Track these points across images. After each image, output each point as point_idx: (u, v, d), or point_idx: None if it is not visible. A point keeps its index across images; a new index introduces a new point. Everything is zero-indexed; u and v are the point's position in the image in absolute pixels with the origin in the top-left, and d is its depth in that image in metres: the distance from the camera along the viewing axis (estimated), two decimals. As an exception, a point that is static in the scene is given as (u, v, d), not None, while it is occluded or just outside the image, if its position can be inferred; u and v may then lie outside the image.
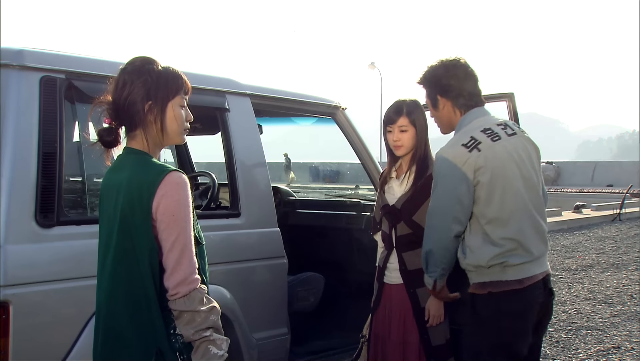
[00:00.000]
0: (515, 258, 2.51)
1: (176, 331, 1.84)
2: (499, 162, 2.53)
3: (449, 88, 2.67)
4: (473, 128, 2.61)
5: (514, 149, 2.58)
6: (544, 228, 2.63)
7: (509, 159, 2.55)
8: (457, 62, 2.69)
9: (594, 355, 4.96)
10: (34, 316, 2.29)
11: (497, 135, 2.58)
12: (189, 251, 1.83)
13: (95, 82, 2.48)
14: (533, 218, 2.57)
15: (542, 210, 2.64)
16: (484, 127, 2.60)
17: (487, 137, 2.56)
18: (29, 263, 2.30)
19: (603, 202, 16.53)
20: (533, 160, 2.65)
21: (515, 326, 2.52)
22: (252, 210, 3.13)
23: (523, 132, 2.70)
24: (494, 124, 2.63)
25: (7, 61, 2.39)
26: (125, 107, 1.88)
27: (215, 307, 1.85)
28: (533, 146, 2.68)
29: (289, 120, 4.63)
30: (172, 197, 1.81)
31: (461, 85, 2.66)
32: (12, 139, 2.33)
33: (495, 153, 2.53)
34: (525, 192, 2.56)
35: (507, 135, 2.60)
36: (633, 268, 8.58)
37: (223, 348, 1.83)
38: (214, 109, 3.08)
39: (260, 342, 3.08)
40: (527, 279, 2.52)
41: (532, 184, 2.60)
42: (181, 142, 2.04)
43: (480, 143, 2.54)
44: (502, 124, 2.66)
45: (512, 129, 2.66)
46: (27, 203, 2.32)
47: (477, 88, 2.71)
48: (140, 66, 1.92)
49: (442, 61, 2.72)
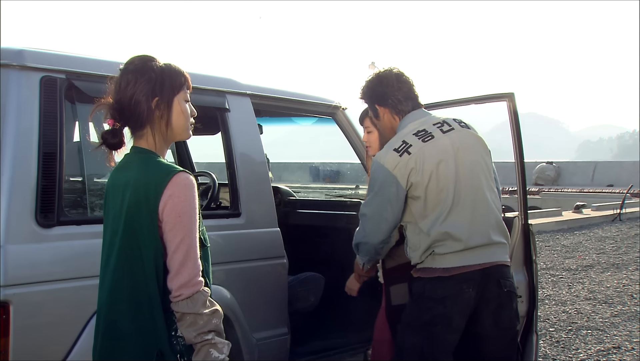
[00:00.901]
0: (442, 248, 2.65)
1: (178, 333, 1.84)
2: (430, 161, 2.66)
3: (384, 96, 2.84)
4: (407, 132, 2.75)
5: (449, 145, 2.70)
6: (488, 219, 2.70)
7: (441, 156, 2.68)
8: (389, 72, 2.88)
9: (594, 355, 4.96)
10: (35, 316, 2.29)
11: (429, 135, 2.72)
12: (194, 253, 1.82)
13: (95, 82, 2.48)
14: (469, 210, 2.67)
15: (485, 201, 2.71)
16: (418, 129, 2.74)
17: (418, 139, 2.71)
18: (29, 263, 2.30)
19: (603, 202, 16.52)
20: (475, 152, 2.75)
21: (435, 310, 2.65)
22: (253, 210, 3.13)
23: (466, 126, 2.80)
24: (430, 125, 2.76)
25: (7, 61, 2.39)
26: (131, 107, 1.87)
27: (217, 310, 1.85)
28: (476, 138, 2.79)
29: (289, 120, 4.63)
30: (179, 198, 1.81)
31: (395, 92, 2.83)
32: (12, 139, 2.33)
33: (426, 153, 2.67)
34: (462, 185, 2.67)
35: (442, 133, 2.73)
36: (633, 268, 8.58)
37: (224, 352, 1.83)
38: (215, 109, 3.08)
39: (260, 342, 3.07)
40: (455, 268, 2.63)
41: (472, 176, 2.70)
42: (188, 138, 2.04)
43: (410, 146, 2.69)
44: (440, 122, 2.78)
45: (449, 125, 2.77)
46: (27, 202, 2.32)
47: (412, 93, 2.86)
48: (141, 64, 1.91)
49: (376, 74, 2.91)
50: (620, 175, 24.90)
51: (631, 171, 24.15)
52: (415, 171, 2.65)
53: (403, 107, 2.83)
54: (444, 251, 2.65)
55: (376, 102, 2.88)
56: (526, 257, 3.22)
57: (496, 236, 2.71)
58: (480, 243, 2.66)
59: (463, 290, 2.64)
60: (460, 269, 2.64)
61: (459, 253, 2.64)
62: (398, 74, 2.86)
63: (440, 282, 2.65)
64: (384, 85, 2.85)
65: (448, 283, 2.64)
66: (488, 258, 2.68)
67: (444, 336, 2.66)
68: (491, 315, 2.71)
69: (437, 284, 2.66)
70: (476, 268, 2.65)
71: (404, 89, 2.84)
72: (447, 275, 2.64)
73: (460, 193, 2.66)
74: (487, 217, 2.70)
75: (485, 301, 2.68)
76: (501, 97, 3.36)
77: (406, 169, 2.66)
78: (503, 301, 2.71)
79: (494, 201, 2.75)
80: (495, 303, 2.70)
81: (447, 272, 2.64)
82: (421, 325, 2.69)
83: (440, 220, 2.65)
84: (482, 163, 2.76)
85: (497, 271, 2.70)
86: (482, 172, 2.74)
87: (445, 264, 2.65)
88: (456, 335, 2.68)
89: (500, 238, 2.73)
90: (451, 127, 2.75)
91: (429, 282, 2.67)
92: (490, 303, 2.69)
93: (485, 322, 2.71)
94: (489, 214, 2.71)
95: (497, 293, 2.69)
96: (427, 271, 2.69)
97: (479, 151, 2.76)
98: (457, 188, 2.66)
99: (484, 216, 2.69)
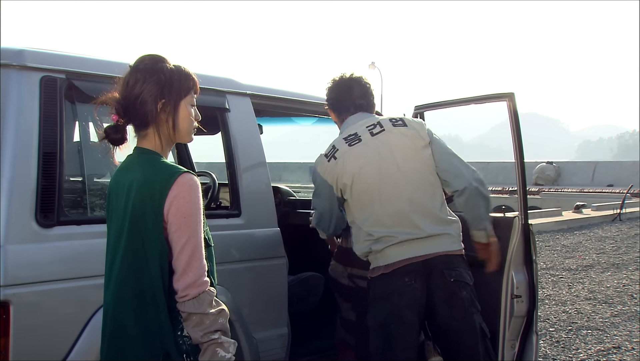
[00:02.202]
0: (377, 244, 2.78)
1: (183, 333, 1.84)
2: (353, 165, 2.82)
3: (332, 102, 3.04)
4: (339, 137, 2.94)
5: (375, 146, 2.83)
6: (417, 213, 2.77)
7: (365, 158, 2.82)
8: (341, 78, 3.04)
9: (594, 355, 4.96)
10: (35, 316, 2.29)
11: (358, 139, 2.86)
12: (199, 254, 1.83)
13: (95, 82, 2.48)
14: (395, 207, 2.77)
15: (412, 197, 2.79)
16: (350, 133, 2.90)
17: (345, 143, 2.88)
18: (30, 263, 2.30)
19: (603, 202, 16.53)
20: (404, 151, 2.84)
21: (384, 308, 2.76)
22: (253, 210, 3.13)
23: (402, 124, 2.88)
24: (362, 128, 2.90)
25: (7, 61, 2.38)
26: (137, 106, 1.87)
27: (223, 310, 1.85)
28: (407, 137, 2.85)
29: (289, 120, 4.63)
30: (184, 199, 1.81)
31: (342, 97, 2.99)
32: (12, 139, 2.32)
33: (350, 157, 2.83)
34: (386, 184, 2.79)
35: (371, 135, 2.86)
36: (633, 267, 8.58)
37: (230, 351, 1.83)
38: (215, 109, 3.08)
39: (260, 342, 3.07)
40: (395, 263, 2.74)
41: (397, 175, 2.79)
42: (189, 141, 2.05)
43: (337, 151, 2.88)
44: (373, 124, 2.90)
45: (381, 127, 2.88)
46: (27, 202, 2.31)
47: (360, 99, 2.99)
48: (152, 64, 1.91)
49: (332, 79, 3.07)
50: (620, 175, 24.90)
51: (631, 171, 24.15)
52: (340, 175, 2.84)
53: (345, 113, 3.00)
54: (380, 247, 2.77)
55: (329, 107, 3.09)
56: (526, 257, 3.22)
57: (432, 227, 2.77)
58: (414, 236, 2.74)
59: (406, 283, 2.72)
60: (399, 263, 2.73)
61: (394, 246, 2.75)
62: (351, 79, 3.01)
63: (384, 279, 2.77)
64: (334, 91, 3.03)
65: (390, 278, 2.75)
66: (428, 250, 2.75)
67: (400, 332, 2.74)
68: (444, 307, 2.76)
69: (382, 281, 2.78)
70: (415, 260, 2.73)
71: (353, 94, 2.98)
72: (389, 271, 2.75)
73: (382, 192, 2.79)
74: (421, 208, 2.78)
75: (434, 293, 2.75)
76: (501, 97, 3.36)
77: (333, 175, 2.86)
78: (452, 291, 2.76)
79: (427, 191, 2.82)
80: (445, 294, 2.75)
81: (387, 268, 2.76)
82: (378, 327, 2.79)
83: (368, 219, 2.79)
84: (413, 159, 2.84)
85: (440, 262, 2.76)
86: (413, 168, 2.83)
87: (385, 261, 2.77)
88: (412, 328, 2.76)
89: (441, 228, 2.79)
90: (382, 128, 2.88)
91: (376, 281, 2.81)
92: (439, 295, 2.75)
93: (441, 315, 2.78)
94: (422, 206, 2.79)
95: (443, 283, 2.75)
96: (373, 271, 2.84)
97: (409, 148, 2.85)
98: (381, 187, 2.79)
99: (416, 208, 2.77)
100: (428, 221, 2.78)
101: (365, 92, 3.01)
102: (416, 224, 2.76)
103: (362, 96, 3.00)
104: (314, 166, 2.98)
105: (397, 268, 2.74)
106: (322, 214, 3.03)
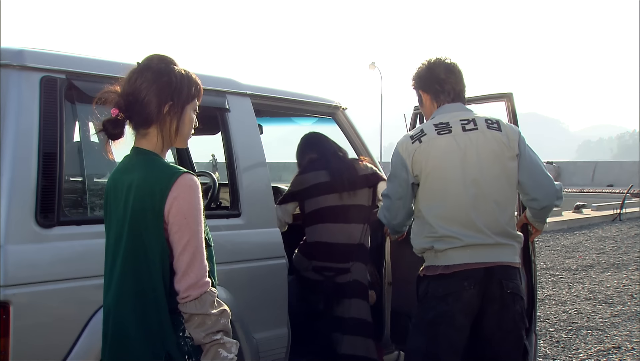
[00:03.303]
0: (441, 244, 2.69)
1: (185, 334, 1.84)
2: (437, 154, 2.72)
3: (428, 84, 2.88)
4: (430, 122, 2.81)
5: (463, 142, 2.72)
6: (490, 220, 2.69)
7: (451, 152, 2.71)
8: (439, 61, 2.88)
9: (594, 355, 4.95)
10: (35, 317, 2.29)
11: (448, 129, 2.75)
12: (200, 254, 1.82)
13: (96, 83, 2.47)
14: (469, 209, 2.68)
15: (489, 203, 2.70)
16: (441, 121, 2.78)
17: (434, 130, 2.75)
18: (30, 263, 2.30)
19: (603, 202, 16.53)
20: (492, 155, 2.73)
21: (437, 308, 2.67)
22: (253, 210, 3.13)
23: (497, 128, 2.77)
24: (456, 120, 2.77)
25: (7, 61, 2.38)
26: (143, 103, 1.86)
27: (225, 310, 1.85)
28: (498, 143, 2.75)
29: (289, 120, 4.63)
30: (185, 199, 1.81)
31: (440, 81, 2.85)
32: (12, 139, 2.32)
33: (435, 146, 2.72)
34: (465, 184, 2.69)
35: (462, 130, 2.74)
36: (633, 267, 8.58)
37: (232, 352, 1.83)
38: (215, 109, 3.08)
39: (260, 342, 3.07)
40: (456, 266, 2.66)
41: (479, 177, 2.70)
42: (184, 147, 2.06)
43: (424, 135, 2.75)
44: (468, 120, 2.78)
45: (475, 125, 2.76)
46: (27, 203, 2.31)
47: (458, 85, 2.87)
48: (164, 66, 1.90)
49: (428, 60, 2.93)
50: (620, 175, 24.93)
51: (631, 171, 24.17)
52: (420, 160, 2.73)
53: (443, 98, 2.85)
54: (443, 247, 2.68)
55: (421, 89, 2.93)
56: (525, 257, 3.22)
57: (500, 237, 2.70)
58: (479, 242, 2.67)
59: (464, 288, 2.65)
60: (461, 267, 2.66)
61: (458, 249, 2.67)
62: (448, 64, 2.87)
63: (442, 280, 2.68)
64: (430, 73, 2.88)
65: (449, 280, 2.67)
66: (490, 258, 2.68)
67: (448, 335, 2.67)
68: (495, 316, 2.70)
69: (439, 282, 2.69)
70: (477, 266, 2.66)
71: (449, 80, 2.85)
72: (449, 272, 2.67)
73: (461, 191, 2.69)
74: (490, 218, 2.69)
75: (488, 301, 2.68)
76: (500, 97, 3.36)
77: (415, 156, 2.74)
78: (506, 303, 2.70)
79: (501, 204, 2.72)
80: (498, 304, 2.69)
81: (448, 269, 2.67)
82: (425, 325, 2.72)
83: (436, 210, 2.71)
84: (496, 167, 2.73)
85: (500, 271, 2.69)
86: (494, 175, 2.72)
87: (446, 262, 2.68)
88: (461, 334, 2.68)
89: (505, 239, 2.72)
90: (476, 126, 2.76)
91: (432, 280, 2.71)
92: (493, 304, 2.69)
93: (489, 323, 2.70)
94: (491, 215, 2.70)
95: (499, 293, 2.68)
96: (429, 269, 2.74)
97: (497, 154, 2.74)
98: (459, 185, 2.69)
99: (485, 217, 2.69)
100: (497, 230, 2.70)
101: (464, 83, 2.90)
102: (482, 230, 2.68)
103: (463, 86, 2.89)
104: (396, 145, 2.83)
105: (457, 271, 2.66)
106: (392, 201, 2.87)
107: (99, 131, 1.90)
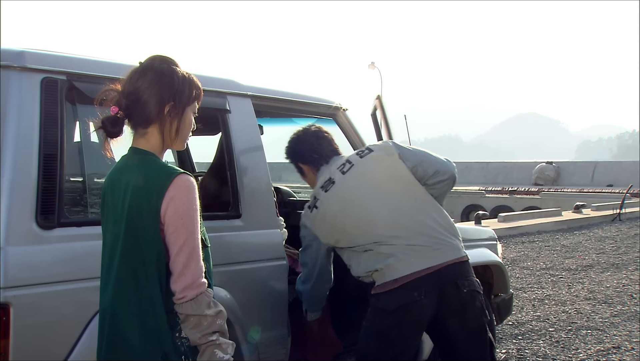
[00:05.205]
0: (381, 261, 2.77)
1: (181, 335, 1.84)
2: (334, 208, 2.90)
3: (303, 154, 3.12)
4: (317, 186, 3.01)
5: (350, 183, 2.90)
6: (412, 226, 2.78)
7: (345, 196, 2.89)
8: (307, 131, 3.14)
9: (594, 355, 4.95)
10: (35, 318, 2.28)
11: (331, 182, 2.95)
12: (197, 255, 1.83)
13: (96, 84, 2.47)
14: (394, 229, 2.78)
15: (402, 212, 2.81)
16: (325, 180, 2.98)
17: (322, 190, 2.96)
18: (30, 265, 2.29)
19: (603, 202, 16.55)
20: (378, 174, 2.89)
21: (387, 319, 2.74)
22: (253, 211, 3.13)
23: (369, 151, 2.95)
24: (334, 170, 2.98)
25: (7, 62, 2.38)
26: (145, 103, 1.86)
27: (221, 311, 1.85)
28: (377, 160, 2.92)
29: (289, 121, 4.62)
30: (181, 200, 1.81)
31: (314, 148, 3.07)
32: (13, 141, 2.32)
33: (330, 202, 2.91)
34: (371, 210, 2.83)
35: (342, 174, 2.94)
36: (633, 267, 8.58)
37: (229, 352, 1.84)
38: (215, 110, 3.08)
39: (260, 343, 3.07)
40: (403, 278, 2.72)
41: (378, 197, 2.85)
42: (182, 149, 2.06)
43: (317, 200, 2.96)
44: (343, 163, 2.98)
45: (350, 163, 2.96)
46: (27, 204, 2.31)
47: (330, 146, 3.11)
48: (167, 66, 1.90)
49: (295, 133, 3.18)
50: (620, 175, 24.93)
51: (631, 171, 24.18)
52: (325, 222, 2.91)
53: (321, 162, 3.07)
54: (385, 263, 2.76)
55: (299, 161, 3.15)
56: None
57: (432, 239, 2.76)
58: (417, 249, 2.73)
59: (415, 299, 2.69)
60: (409, 277, 2.70)
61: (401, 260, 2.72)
62: (316, 131, 3.12)
63: (393, 293, 2.74)
64: (303, 144, 3.11)
65: (400, 292, 2.72)
66: (436, 260, 2.72)
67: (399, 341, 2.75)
68: (457, 317, 2.75)
69: (389, 296, 2.75)
70: (426, 272, 2.69)
71: (323, 144, 3.08)
72: (398, 286, 2.72)
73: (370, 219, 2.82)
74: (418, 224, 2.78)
75: (447, 303, 2.73)
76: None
77: (320, 224, 2.93)
78: (465, 302, 2.75)
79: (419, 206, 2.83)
80: (458, 305, 2.74)
81: (396, 283, 2.73)
82: (375, 332, 2.80)
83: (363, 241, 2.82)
84: (391, 180, 2.87)
85: (451, 272, 2.74)
86: (395, 186, 2.86)
87: (393, 276, 2.74)
88: (412, 340, 2.80)
89: (444, 237, 2.78)
90: (352, 164, 2.94)
91: (382, 295, 2.78)
92: (453, 305, 2.74)
93: (452, 324, 2.77)
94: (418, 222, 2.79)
95: (457, 294, 2.73)
96: (379, 287, 2.80)
97: (384, 169, 2.90)
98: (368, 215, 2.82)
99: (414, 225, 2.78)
100: (424, 233, 2.77)
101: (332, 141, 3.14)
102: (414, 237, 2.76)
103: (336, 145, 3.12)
104: (301, 219, 3.05)
105: (406, 283, 2.71)
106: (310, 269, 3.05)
107: (98, 128, 1.90)
